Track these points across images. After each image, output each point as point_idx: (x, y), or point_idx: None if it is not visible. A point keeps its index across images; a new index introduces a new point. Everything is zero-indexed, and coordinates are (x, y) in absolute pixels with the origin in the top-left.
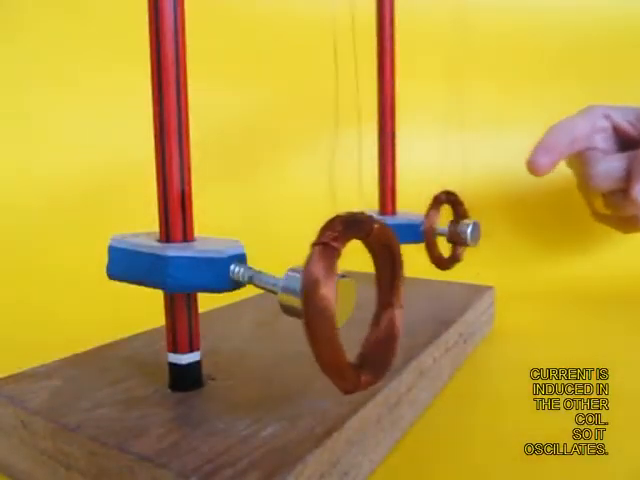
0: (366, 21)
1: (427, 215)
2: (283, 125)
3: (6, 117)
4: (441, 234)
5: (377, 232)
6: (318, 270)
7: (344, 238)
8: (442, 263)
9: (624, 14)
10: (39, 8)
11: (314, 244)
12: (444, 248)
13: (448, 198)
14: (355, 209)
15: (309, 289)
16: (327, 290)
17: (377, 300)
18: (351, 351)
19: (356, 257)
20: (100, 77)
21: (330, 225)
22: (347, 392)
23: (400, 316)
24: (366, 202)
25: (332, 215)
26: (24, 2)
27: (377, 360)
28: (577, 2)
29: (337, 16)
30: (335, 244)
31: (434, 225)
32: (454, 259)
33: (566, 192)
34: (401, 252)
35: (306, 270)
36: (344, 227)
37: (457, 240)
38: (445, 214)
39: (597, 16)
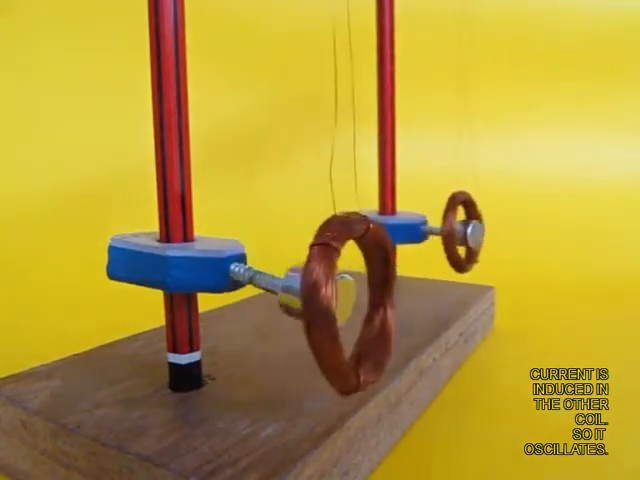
0: (364, 21)
1: (445, 216)
2: (283, 125)
3: (6, 118)
4: (438, 234)
5: (372, 232)
6: (318, 271)
7: (342, 237)
8: (461, 265)
9: (629, 13)
10: (39, 9)
11: (313, 244)
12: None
13: (462, 198)
14: (351, 209)
15: (309, 290)
16: (328, 291)
17: (369, 300)
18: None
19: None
20: (100, 77)
21: (328, 225)
22: (345, 393)
23: (392, 316)
24: (360, 202)
25: (329, 215)
26: (25, 3)
27: (372, 360)
28: (580, 3)
29: (336, 17)
30: (335, 244)
31: (453, 226)
32: (471, 260)
33: (567, 195)
34: (394, 253)
35: (306, 271)
36: (342, 227)
37: (456, 241)
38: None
39: (601, 17)
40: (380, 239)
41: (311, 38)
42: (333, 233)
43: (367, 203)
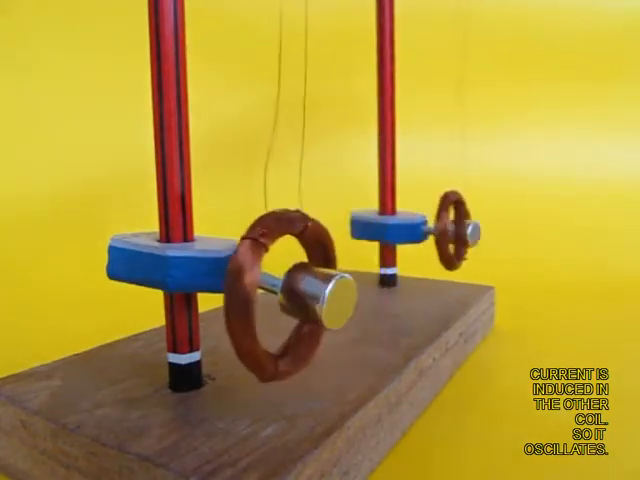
0: (363, 21)
1: (439, 215)
2: (283, 125)
3: (6, 118)
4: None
5: (311, 229)
6: (243, 261)
7: (274, 234)
8: (452, 263)
9: (629, 13)
10: (39, 9)
11: (242, 238)
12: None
13: (454, 197)
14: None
15: (231, 278)
16: (249, 280)
17: None
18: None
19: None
20: (100, 77)
21: (260, 221)
22: (264, 380)
23: None
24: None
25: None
26: (25, 3)
27: (298, 352)
28: (580, 3)
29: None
30: (262, 240)
31: (447, 225)
32: (460, 258)
33: (567, 195)
34: (335, 250)
35: (231, 261)
36: (275, 223)
37: (456, 240)
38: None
39: (601, 17)
40: (320, 236)
41: (311, 37)
42: (263, 229)
43: (367, 203)
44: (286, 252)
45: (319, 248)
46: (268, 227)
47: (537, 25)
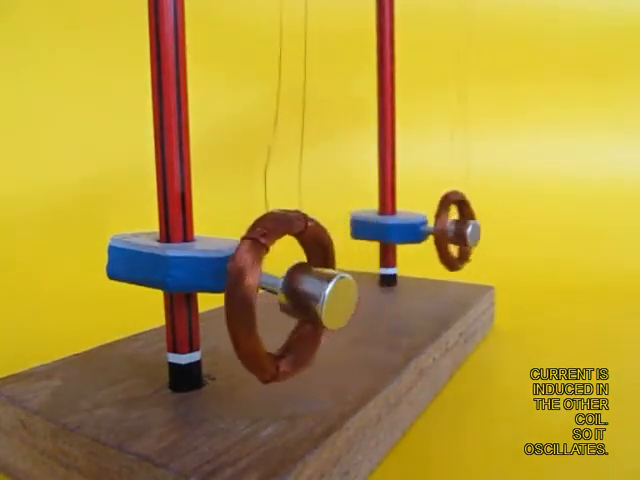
0: (363, 21)
1: (438, 215)
2: (283, 125)
3: (6, 118)
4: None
5: (310, 230)
6: (244, 261)
7: (274, 234)
8: (453, 264)
9: (629, 13)
10: (39, 9)
11: (243, 238)
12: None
13: (455, 198)
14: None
15: (233, 278)
16: (250, 281)
17: None
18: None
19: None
20: (100, 77)
21: (260, 221)
22: (265, 381)
23: None
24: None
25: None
26: (25, 3)
27: (298, 353)
28: (580, 4)
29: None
30: (263, 240)
31: (446, 225)
32: (463, 259)
33: (567, 195)
34: (334, 250)
35: (232, 261)
36: (275, 224)
37: (456, 240)
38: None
39: (601, 17)
40: (319, 236)
41: (311, 37)
42: (263, 230)
43: (367, 203)
44: (289, 252)
45: (318, 248)
46: (268, 227)
47: (538, 24)
